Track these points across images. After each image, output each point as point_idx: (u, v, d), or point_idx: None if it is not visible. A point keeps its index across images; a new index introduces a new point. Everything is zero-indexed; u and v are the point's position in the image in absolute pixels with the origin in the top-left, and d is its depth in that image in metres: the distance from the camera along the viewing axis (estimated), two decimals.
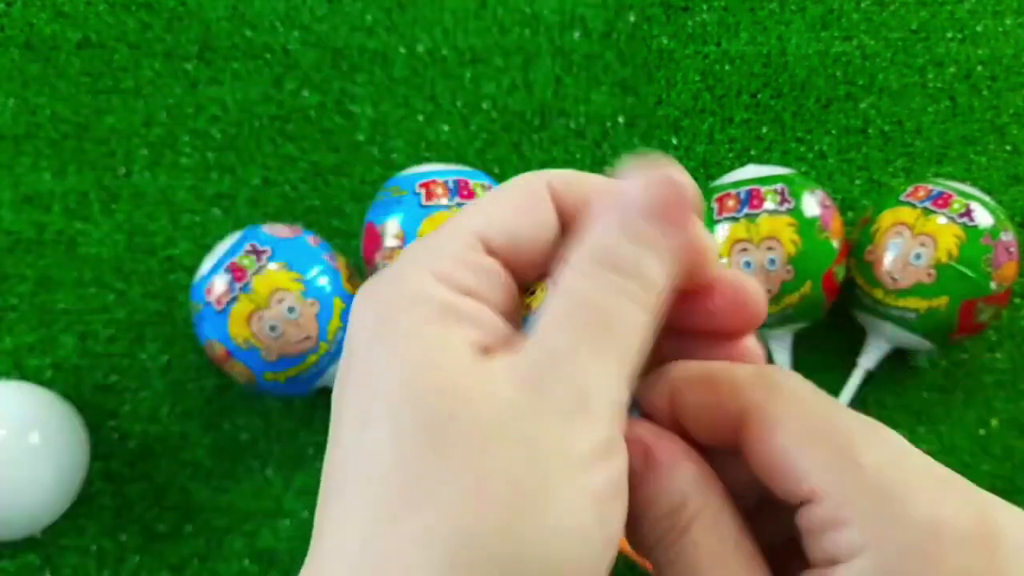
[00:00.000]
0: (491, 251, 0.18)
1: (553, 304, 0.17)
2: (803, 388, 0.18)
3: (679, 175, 0.18)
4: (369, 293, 0.18)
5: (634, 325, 0.17)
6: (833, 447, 0.16)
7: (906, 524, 0.15)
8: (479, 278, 0.18)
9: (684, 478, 0.18)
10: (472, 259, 0.18)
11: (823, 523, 0.16)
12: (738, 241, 0.45)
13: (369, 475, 0.16)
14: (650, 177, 0.18)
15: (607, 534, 0.16)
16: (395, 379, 0.16)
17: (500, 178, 0.54)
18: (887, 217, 0.47)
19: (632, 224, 0.17)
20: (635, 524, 0.18)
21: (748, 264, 0.45)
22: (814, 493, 0.16)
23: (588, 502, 0.15)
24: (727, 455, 0.19)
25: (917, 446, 0.17)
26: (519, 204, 0.19)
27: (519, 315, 0.19)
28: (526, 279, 0.19)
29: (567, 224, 0.19)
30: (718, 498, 0.18)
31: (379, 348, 0.17)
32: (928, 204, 0.46)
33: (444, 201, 0.44)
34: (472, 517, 0.15)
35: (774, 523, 0.19)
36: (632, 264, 0.17)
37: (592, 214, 0.18)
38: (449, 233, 0.18)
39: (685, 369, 0.19)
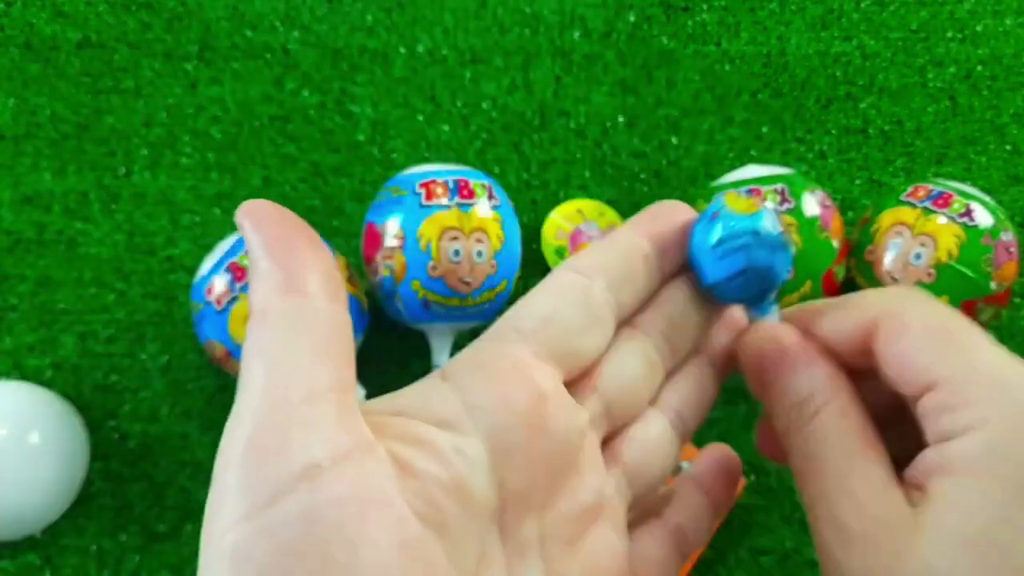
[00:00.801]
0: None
1: None
2: (929, 297, 0.20)
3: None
4: None
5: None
6: (954, 344, 0.19)
7: (1014, 403, 0.18)
8: None
9: (814, 375, 0.21)
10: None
11: (941, 407, 0.18)
12: None
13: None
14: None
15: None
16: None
17: (500, 178, 0.54)
18: (887, 217, 0.47)
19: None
20: (771, 411, 0.21)
21: None
22: (936, 382, 0.18)
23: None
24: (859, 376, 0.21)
25: None
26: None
27: None
28: None
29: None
30: (845, 395, 0.20)
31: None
32: (928, 204, 0.46)
33: (444, 201, 0.44)
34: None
35: (897, 440, 0.21)
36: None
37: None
38: None
39: (817, 303, 0.22)
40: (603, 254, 0.22)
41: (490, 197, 0.45)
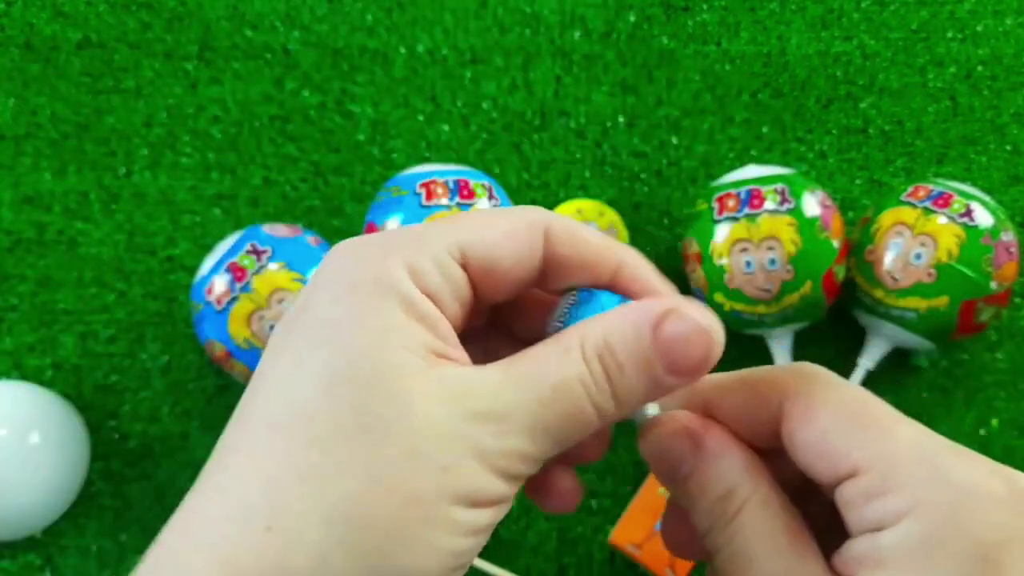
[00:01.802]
0: (466, 264, 0.19)
1: (531, 359, 0.18)
2: (834, 377, 0.19)
3: (718, 339, 0.18)
4: (349, 254, 0.19)
5: (584, 425, 0.18)
6: (870, 426, 0.18)
7: (946, 487, 0.17)
8: (446, 285, 0.19)
9: (733, 466, 0.19)
10: (448, 266, 0.19)
11: (866, 494, 0.17)
12: (738, 241, 0.45)
13: (291, 423, 0.17)
14: (699, 327, 0.18)
15: (465, 562, 0.18)
16: (345, 353, 0.17)
17: (500, 178, 0.54)
18: (887, 217, 0.47)
19: (652, 364, 0.18)
20: (690, 509, 0.20)
21: (748, 264, 0.45)
22: (857, 468, 0.17)
23: (464, 535, 0.17)
24: (762, 454, 0.20)
25: None
26: (512, 234, 0.19)
27: (464, 326, 0.20)
28: (485, 298, 0.20)
29: (549, 269, 0.20)
30: (766, 484, 0.19)
31: (342, 316, 0.17)
32: (928, 204, 0.46)
33: (444, 201, 0.44)
34: (370, 509, 0.16)
35: (806, 515, 0.20)
36: (625, 386, 0.18)
37: (623, 310, 0.19)
38: (438, 233, 0.19)
39: (716, 379, 0.21)
40: None
41: (490, 197, 0.45)
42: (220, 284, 0.43)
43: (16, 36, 0.56)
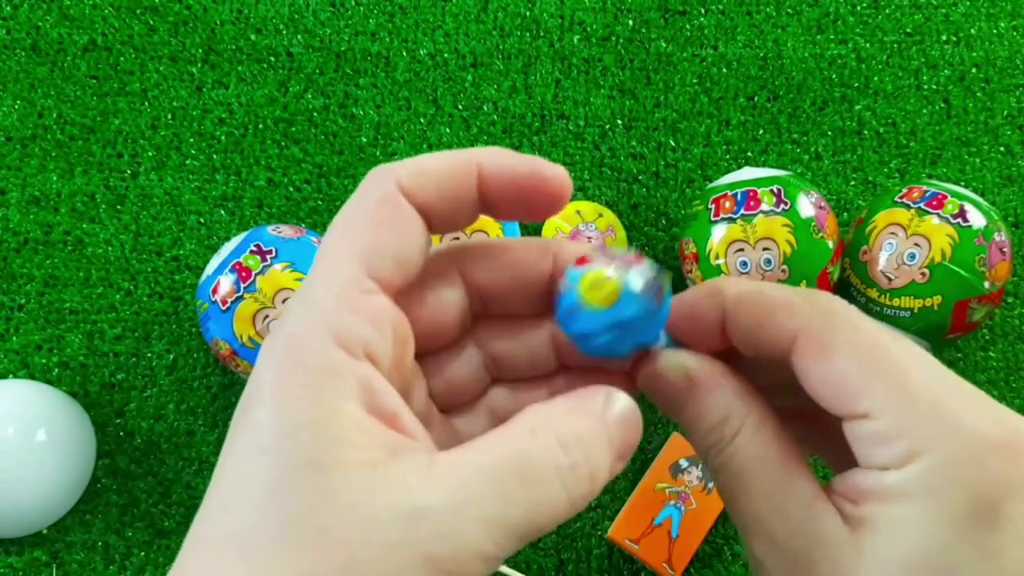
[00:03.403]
0: (378, 279, 0.18)
1: (491, 442, 0.17)
2: (855, 313, 0.19)
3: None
4: (271, 347, 0.17)
5: (552, 516, 0.17)
6: (887, 371, 0.18)
7: (953, 437, 0.17)
8: (373, 329, 0.18)
9: (724, 397, 0.20)
10: (363, 304, 0.18)
11: (876, 437, 0.18)
12: (734, 242, 0.46)
13: (228, 540, 0.16)
14: (630, 418, 0.19)
15: None
16: (282, 458, 0.16)
17: None
18: (882, 218, 0.47)
19: (619, 448, 0.19)
20: (689, 434, 0.21)
21: (744, 264, 0.45)
22: (869, 413, 0.18)
23: None
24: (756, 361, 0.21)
25: None
26: (382, 219, 0.18)
27: (405, 360, 0.19)
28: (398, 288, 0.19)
29: (429, 218, 0.19)
30: (758, 410, 0.20)
31: (274, 417, 0.16)
32: (922, 205, 0.46)
33: None
34: None
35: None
36: (590, 464, 0.18)
37: (579, 393, 0.19)
38: (335, 271, 0.18)
39: (738, 287, 0.20)
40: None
41: None
42: (226, 284, 0.44)
43: (23, 39, 0.57)
